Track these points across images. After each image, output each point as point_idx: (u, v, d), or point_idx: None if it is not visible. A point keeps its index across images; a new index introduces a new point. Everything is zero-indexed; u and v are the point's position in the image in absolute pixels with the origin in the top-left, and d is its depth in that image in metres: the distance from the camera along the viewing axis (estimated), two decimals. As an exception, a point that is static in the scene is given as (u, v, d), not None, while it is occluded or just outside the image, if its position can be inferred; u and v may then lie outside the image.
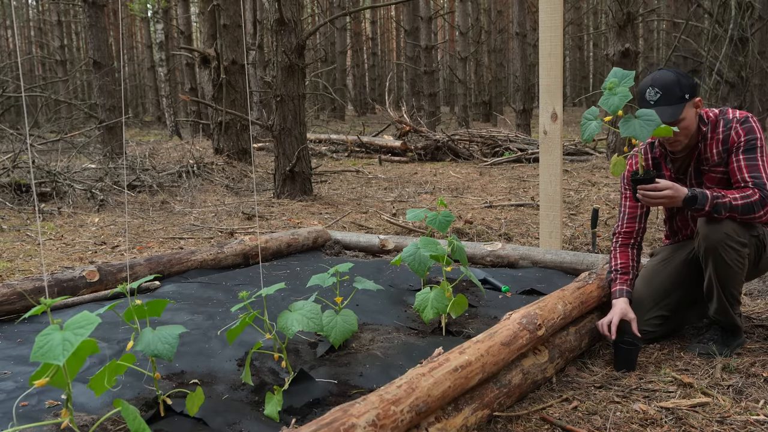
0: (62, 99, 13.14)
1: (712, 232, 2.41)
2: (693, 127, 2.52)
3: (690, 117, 2.49)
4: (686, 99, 2.46)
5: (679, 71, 2.53)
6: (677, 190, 2.45)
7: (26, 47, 32.24)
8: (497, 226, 5.16)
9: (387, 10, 37.30)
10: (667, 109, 2.45)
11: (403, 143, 10.70)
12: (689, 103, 2.48)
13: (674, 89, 2.45)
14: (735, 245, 2.40)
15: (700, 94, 2.57)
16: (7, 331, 2.55)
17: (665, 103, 2.46)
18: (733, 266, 2.41)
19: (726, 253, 2.40)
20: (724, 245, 2.39)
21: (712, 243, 2.41)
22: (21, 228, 5.38)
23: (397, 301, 2.87)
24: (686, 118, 2.48)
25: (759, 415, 2.01)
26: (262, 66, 14.68)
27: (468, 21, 19.14)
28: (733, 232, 2.39)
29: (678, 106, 2.45)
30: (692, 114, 2.50)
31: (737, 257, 2.41)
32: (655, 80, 2.49)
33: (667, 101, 2.46)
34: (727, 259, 2.40)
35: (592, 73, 33.21)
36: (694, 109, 2.51)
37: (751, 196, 2.42)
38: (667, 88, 2.46)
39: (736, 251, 2.40)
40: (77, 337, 1.35)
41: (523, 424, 1.99)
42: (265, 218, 5.78)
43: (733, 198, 2.43)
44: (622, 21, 8.94)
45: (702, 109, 2.56)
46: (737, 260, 2.41)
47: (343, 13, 8.77)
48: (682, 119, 2.47)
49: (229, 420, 1.82)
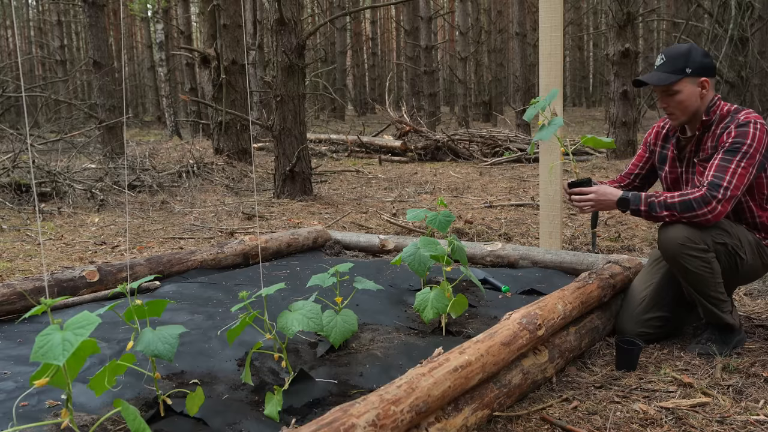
0: (62, 99, 13.14)
1: (667, 241, 2.38)
2: (690, 104, 2.48)
3: (687, 92, 2.46)
4: (686, 73, 2.44)
5: (704, 51, 2.49)
6: (606, 194, 2.52)
7: (26, 47, 32.24)
8: (497, 226, 5.16)
9: (387, 10, 37.30)
10: (661, 75, 2.47)
11: (403, 143, 10.70)
12: (689, 79, 2.45)
13: (678, 60, 2.45)
14: (694, 252, 2.36)
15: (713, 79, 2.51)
16: (7, 331, 2.55)
17: (664, 69, 2.48)
18: (699, 272, 2.38)
19: (687, 262, 2.37)
20: (681, 254, 2.37)
21: (669, 254, 2.40)
22: (21, 228, 5.38)
23: (397, 301, 2.87)
24: (682, 92, 2.46)
25: (759, 415, 2.01)
26: (262, 66, 14.68)
27: (468, 21, 19.14)
28: (689, 240, 2.35)
29: (673, 76, 2.45)
30: (691, 91, 2.46)
31: (701, 263, 2.37)
32: (668, 49, 2.52)
33: (666, 68, 2.47)
34: (691, 267, 2.38)
35: (592, 73, 33.21)
36: (697, 88, 2.47)
37: (693, 193, 2.40)
38: (673, 56, 2.47)
39: (698, 258, 2.36)
40: (77, 337, 1.35)
41: (523, 424, 1.99)
42: (265, 218, 5.78)
43: (669, 196, 2.42)
44: (622, 21, 8.94)
45: (716, 96, 2.50)
46: (702, 266, 2.37)
47: (343, 13, 8.77)
48: (676, 91, 2.47)
49: (229, 420, 1.82)
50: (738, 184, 2.36)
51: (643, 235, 4.58)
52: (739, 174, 2.36)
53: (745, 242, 2.48)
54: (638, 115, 10.01)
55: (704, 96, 2.48)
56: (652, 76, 2.50)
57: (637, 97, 9.68)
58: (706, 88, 2.48)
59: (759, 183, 2.48)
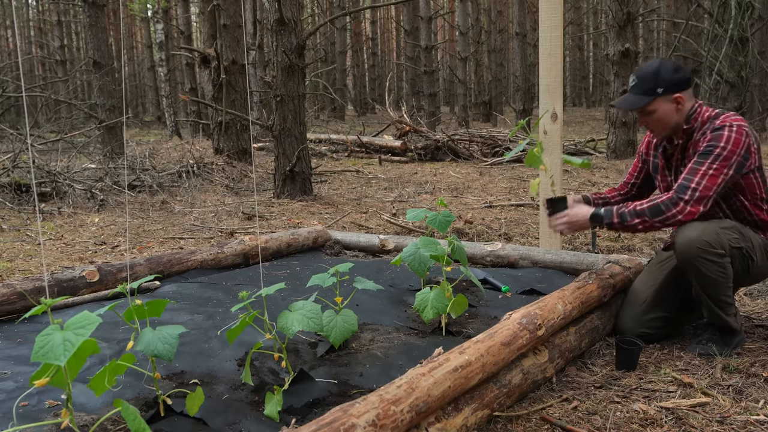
0: (62, 99, 13.14)
1: (686, 245, 2.39)
2: (668, 121, 2.54)
3: (663, 110, 2.51)
4: (658, 93, 2.49)
5: (675, 66, 2.52)
6: (578, 214, 2.62)
7: (26, 47, 32.23)
8: (497, 226, 5.17)
9: (387, 10, 37.30)
10: (633, 98, 2.52)
11: (403, 143, 10.70)
12: (662, 98, 2.50)
13: (648, 80, 2.51)
14: (712, 257, 2.37)
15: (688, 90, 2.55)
16: (7, 331, 2.55)
17: (635, 92, 2.53)
18: (714, 277, 2.40)
19: (704, 266, 2.38)
20: (699, 258, 2.38)
21: (687, 257, 2.40)
22: (21, 228, 5.38)
23: (397, 301, 2.87)
24: (657, 111, 2.52)
25: (759, 415, 2.01)
26: (262, 66, 14.68)
27: (468, 21, 19.14)
28: (708, 245, 2.36)
29: (644, 98, 2.50)
30: (666, 108, 2.51)
31: (717, 268, 2.38)
32: (639, 69, 2.58)
33: (637, 90, 2.53)
34: (707, 271, 2.39)
35: (592, 73, 33.21)
36: (672, 105, 2.51)
37: (662, 197, 2.47)
38: (643, 77, 2.52)
39: (715, 263, 2.38)
40: (78, 337, 1.35)
41: (523, 424, 1.99)
42: (265, 218, 5.78)
43: (639, 204, 2.50)
44: (622, 21, 8.94)
45: (696, 104, 2.54)
46: (718, 271, 2.39)
47: (343, 13, 8.77)
48: (651, 111, 2.52)
49: (229, 420, 1.82)
50: (709, 185, 2.40)
51: (643, 235, 4.58)
52: (710, 176, 2.40)
53: (756, 244, 2.51)
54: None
55: (681, 110, 2.54)
56: (624, 100, 2.57)
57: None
58: (681, 103, 2.53)
59: (749, 184, 2.50)
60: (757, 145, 2.49)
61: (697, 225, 2.42)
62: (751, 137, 2.45)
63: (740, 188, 2.51)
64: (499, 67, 24.46)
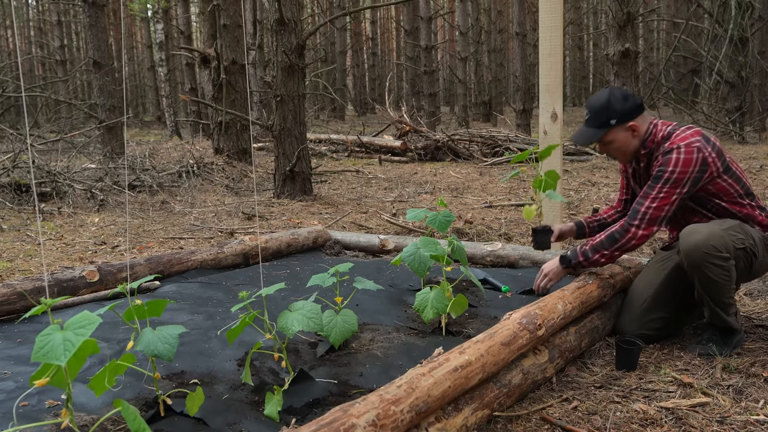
0: (62, 99, 13.15)
1: (693, 250, 2.41)
2: (627, 148, 2.65)
3: (620, 140, 2.62)
4: (611, 125, 2.59)
5: (623, 94, 2.61)
6: (552, 267, 2.79)
7: (26, 47, 32.22)
8: (497, 226, 5.17)
9: (387, 10, 37.29)
10: (588, 131, 2.63)
11: (403, 143, 10.70)
12: (617, 128, 2.60)
13: (601, 114, 2.60)
14: (718, 261, 2.39)
15: (641, 114, 2.64)
16: (7, 331, 2.55)
17: (590, 125, 2.64)
18: (719, 280, 2.42)
19: (710, 270, 2.40)
20: (706, 263, 2.40)
21: (693, 262, 2.43)
22: (21, 228, 5.38)
23: (397, 301, 2.87)
24: (614, 141, 2.63)
25: (759, 415, 2.01)
26: (262, 66, 14.67)
27: (468, 21, 19.13)
28: (714, 249, 2.38)
29: (598, 131, 2.61)
30: (623, 137, 2.62)
31: (722, 272, 2.40)
32: (590, 102, 2.67)
33: (592, 123, 2.63)
34: (712, 276, 2.41)
35: (592, 73, 33.20)
36: (628, 133, 2.62)
37: (615, 227, 2.63)
38: (595, 111, 2.62)
39: (720, 267, 2.40)
40: (78, 337, 1.35)
41: (523, 424, 1.99)
42: (265, 218, 5.78)
43: (597, 237, 2.65)
44: (622, 21, 8.94)
45: (651, 124, 2.62)
46: (723, 275, 2.41)
47: (343, 13, 8.77)
48: (609, 141, 2.64)
49: (229, 420, 1.82)
50: (660, 205, 2.51)
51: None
52: (660, 199, 2.50)
53: (757, 239, 2.52)
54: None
55: (637, 135, 2.63)
56: (580, 134, 2.66)
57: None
58: (635, 130, 2.62)
59: (721, 188, 2.55)
60: (717, 152, 2.51)
61: (702, 229, 2.43)
62: (705, 150, 2.48)
63: (712, 193, 2.57)
64: (499, 67, 24.45)
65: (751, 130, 11.84)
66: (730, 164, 2.55)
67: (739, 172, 2.57)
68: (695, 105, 13.73)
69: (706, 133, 2.58)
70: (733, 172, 2.55)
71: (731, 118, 11.57)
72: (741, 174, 2.59)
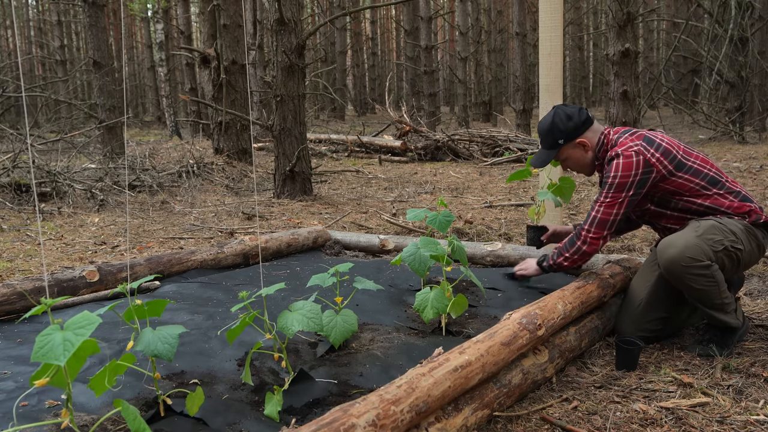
0: (62, 99, 13.15)
1: (671, 264, 2.42)
2: (583, 162, 2.74)
3: (574, 156, 2.73)
4: (560, 144, 2.68)
5: (566, 114, 2.66)
6: (527, 265, 2.95)
7: (26, 47, 32.21)
8: (497, 226, 5.17)
9: (387, 10, 37.30)
10: (542, 153, 2.74)
11: (403, 143, 10.70)
12: (567, 147, 2.70)
13: (548, 136, 2.70)
14: (698, 270, 2.39)
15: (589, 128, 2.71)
16: (7, 331, 2.55)
17: (543, 147, 2.75)
18: (704, 288, 2.42)
19: (693, 281, 2.41)
20: (686, 275, 2.40)
21: (674, 275, 2.45)
22: (21, 228, 5.38)
23: (397, 301, 2.87)
24: (569, 158, 2.74)
25: (759, 415, 2.01)
26: (262, 66, 14.67)
27: (468, 21, 19.14)
28: (691, 261, 2.38)
29: (551, 152, 2.71)
30: (576, 153, 2.72)
31: (705, 280, 2.41)
32: (539, 125, 2.79)
33: (544, 145, 2.74)
34: (696, 286, 2.42)
35: (592, 73, 33.19)
36: (579, 148, 2.70)
37: (572, 231, 2.82)
38: (543, 134, 2.73)
39: (702, 276, 2.40)
40: (78, 337, 1.35)
41: (523, 424, 1.99)
42: (265, 218, 5.78)
43: (562, 243, 2.76)
44: (622, 21, 8.93)
45: (602, 135, 2.69)
46: (706, 282, 2.41)
47: (343, 13, 8.76)
48: (564, 159, 2.75)
49: (229, 420, 1.82)
50: (607, 210, 2.57)
51: (643, 235, 4.58)
52: (606, 204, 2.57)
53: (738, 231, 2.49)
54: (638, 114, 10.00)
55: (589, 149, 2.70)
56: (536, 158, 2.77)
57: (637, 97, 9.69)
58: (586, 145, 2.70)
59: (678, 185, 2.56)
60: (662, 152, 2.52)
61: (677, 241, 2.43)
62: (647, 152, 2.51)
63: (671, 191, 2.58)
64: (499, 67, 24.44)
65: (751, 130, 11.84)
66: (683, 160, 2.55)
67: (698, 165, 2.57)
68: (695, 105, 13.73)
69: (654, 135, 2.60)
70: (689, 167, 2.55)
71: (731, 118, 11.57)
72: (702, 165, 2.57)
